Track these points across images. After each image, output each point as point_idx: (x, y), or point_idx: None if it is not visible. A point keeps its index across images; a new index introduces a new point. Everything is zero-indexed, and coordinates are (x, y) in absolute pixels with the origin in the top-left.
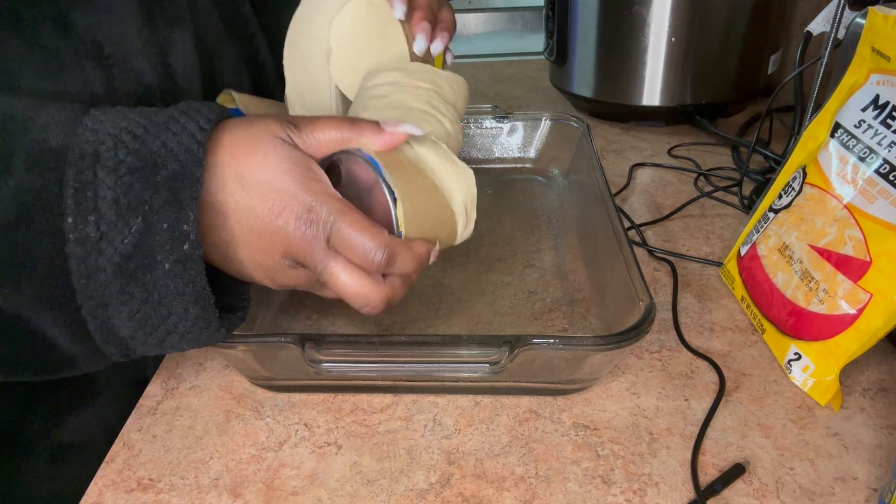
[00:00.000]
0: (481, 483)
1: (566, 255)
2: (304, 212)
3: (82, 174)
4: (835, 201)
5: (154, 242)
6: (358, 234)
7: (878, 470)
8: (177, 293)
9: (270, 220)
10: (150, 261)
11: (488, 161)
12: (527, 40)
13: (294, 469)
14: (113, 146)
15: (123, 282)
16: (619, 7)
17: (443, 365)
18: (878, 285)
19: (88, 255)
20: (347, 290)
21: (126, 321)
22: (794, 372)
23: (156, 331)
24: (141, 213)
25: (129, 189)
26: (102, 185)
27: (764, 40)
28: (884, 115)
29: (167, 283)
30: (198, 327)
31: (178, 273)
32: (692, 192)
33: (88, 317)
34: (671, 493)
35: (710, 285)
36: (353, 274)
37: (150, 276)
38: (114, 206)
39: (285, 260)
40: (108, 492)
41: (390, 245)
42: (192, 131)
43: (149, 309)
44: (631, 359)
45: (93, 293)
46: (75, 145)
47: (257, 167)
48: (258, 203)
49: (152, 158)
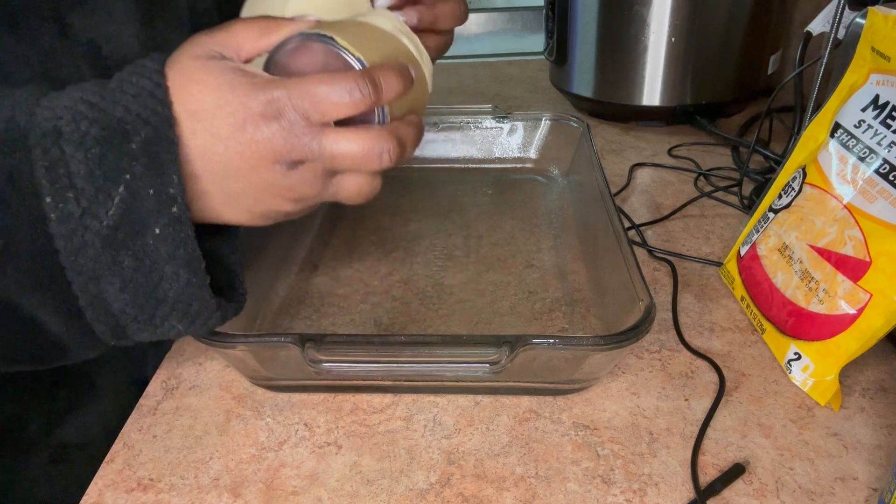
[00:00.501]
0: (481, 483)
1: (566, 255)
2: (266, 108)
3: (49, 152)
4: (835, 201)
5: (142, 209)
6: (328, 85)
7: (878, 470)
8: (168, 257)
9: (240, 135)
10: (140, 227)
11: (488, 161)
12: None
13: (294, 469)
14: (72, 119)
15: (113, 252)
16: (619, 7)
17: (443, 365)
18: (877, 285)
19: (74, 232)
20: (355, 151)
21: (118, 293)
22: (793, 372)
23: (147, 302)
24: (123, 183)
25: (101, 160)
26: (73, 161)
27: (764, 40)
28: (884, 115)
29: (158, 247)
30: (188, 294)
31: (170, 236)
32: (692, 192)
33: (80, 293)
34: (671, 492)
35: (710, 285)
36: (351, 132)
37: (140, 242)
38: (90, 180)
39: (280, 166)
40: (108, 492)
41: (365, 73)
42: (150, 90)
43: (140, 277)
44: (631, 359)
45: (82, 268)
46: (35, 125)
47: (199, 94)
48: (220, 127)
49: (120, 126)
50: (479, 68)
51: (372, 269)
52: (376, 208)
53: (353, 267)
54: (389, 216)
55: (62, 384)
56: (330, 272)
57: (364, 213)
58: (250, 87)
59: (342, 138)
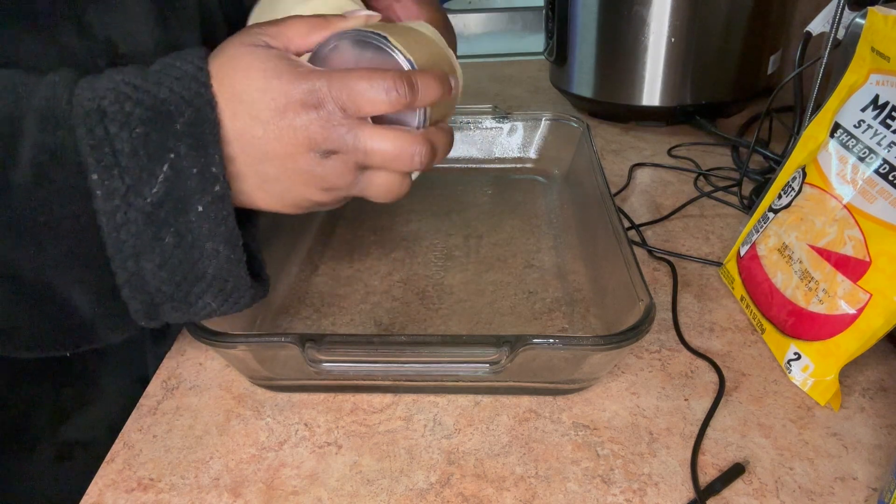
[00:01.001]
0: (481, 483)
1: (566, 255)
2: (307, 96)
3: (94, 131)
4: (834, 201)
5: (186, 187)
6: (367, 81)
7: (878, 470)
8: (209, 233)
9: (279, 120)
10: (183, 205)
11: (488, 161)
12: (527, 40)
13: (294, 469)
14: (115, 100)
15: (155, 229)
16: (619, 7)
17: (443, 365)
18: (877, 285)
19: (117, 208)
20: (388, 149)
21: (156, 270)
22: (793, 372)
23: (185, 279)
24: (167, 162)
25: (146, 140)
26: (118, 140)
27: (764, 40)
28: (883, 116)
29: (200, 224)
30: (226, 271)
31: (212, 213)
32: (692, 192)
33: (118, 270)
34: (671, 492)
35: (710, 285)
36: (387, 131)
37: (182, 219)
38: (135, 158)
39: (314, 154)
40: (109, 491)
41: (403, 75)
42: (192, 73)
43: (180, 254)
44: (631, 359)
45: (123, 245)
46: (77, 105)
47: (244, 78)
48: (261, 111)
49: (164, 107)
50: (479, 68)
51: (372, 269)
52: (376, 208)
53: (353, 267)
54: (389, 216)
55: (67, 383)
56: (330, 272)
57: (364, 213)
58: (294, 75)
59: (377, 135)
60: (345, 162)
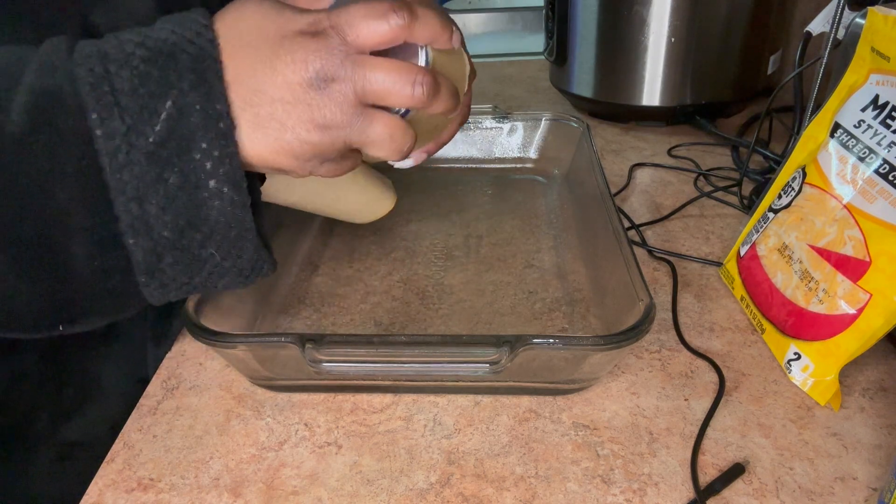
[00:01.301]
0: (481, 483)
1: (566, 255)
2: (306, 26)
3: (94, 70)
4: (834, 201)
5: (189, 125)
6: (367, 8)
7: (878, 470)
8: (212, 172)
9: (276, 47)
10: (187, 143)
11: (488, 161)
12: (527, 40)
13: (294, 469)
14: (118, 43)
15: (158, 170)
16: (619, 7)
17: (443, 365)
18: (877, 285)
19: (119, 148)
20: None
21: (160, 213)
22: (793, 372)
23: (189, 224)
24: (170, 98)
25: (147, 77)
26: (118, 78)
27: (764, 40)
28: (883, 116)
29: (203, 162)
30: (229, 214)
31: (216, 150)
32: (692, 192)
33: (121, 213)
34: (671, 492)
35: (710, 285)
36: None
37: (186, 158)
38: (135, 97)
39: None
40: (109, 491)
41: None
42: (194, 18)
43: (184, 196)
44: (631, 359)
45: (126, 186)
46: (79, 50)
47: (247, 19)
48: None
49: (166, 47)
50: (479, 68)
51: (372, 269)
52: None
53: (353, 267)
54: (389, 216)
55: (68, 383)
56: (330, 272)
57: None
58: (295, 10)
59: (377, 62)
60: (343, 92)
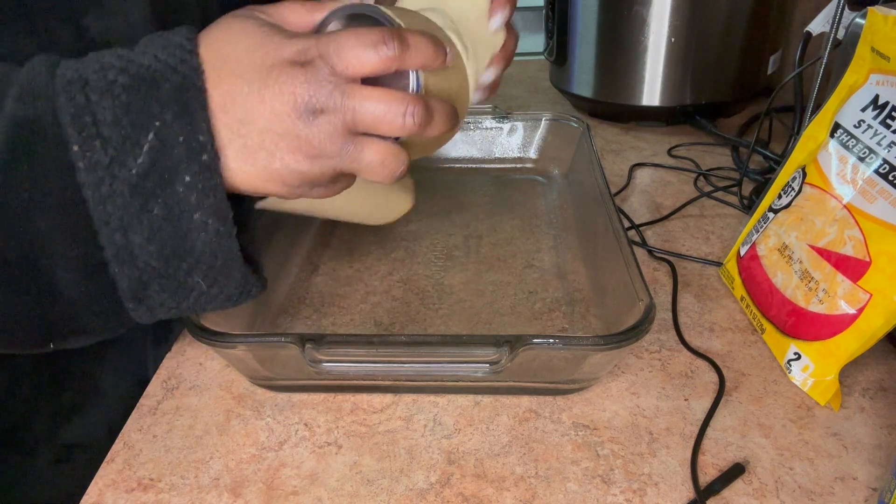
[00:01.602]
0: (481, 483)
1: (566, 255)
2: (294, 55)
3: (74, 99)
4: (834, 201)
5: (172, 157)
6: (356, 38)
7: (878, 470)
8: (197, 204)
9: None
10: (170, 175)
11: (488, 161)
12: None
13: (294, 469)
14: (99, 68)
15: (142, 201)
16: (619, 7)
17: (443, 365)
18: (877, 285)
19: (101, 180)
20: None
21: (145, 243)
22: (793, 372)
23: (174, 253)
24: (152, 130)
25: (129, 108)
26: (100, 108)
27: (764, 40)
28: (883, 116)
29: (187, 195)
30: (215, 244)
31: (199, 183)
32: (692, 192)
33: (106, 243)
34: (671, 492)
35: (710, 285)
36: (377, 89)
37: (169, 190)
38: (117, 128)
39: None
40: (109, 491)
41: (393, 32)
42: (178, 42)
43: (168, 227)
44: (631, 359)
45: (110, 217)
46: (60, 75)
47: (233, 42)
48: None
49: (149, 74)
50: None
51: (372, 269)
52: None
53: (353, 267)
54: None
55: (67, 385)
56: (330, 272)
57: None
58: (283, 37)
59: (366, 92)
60: (332, 123)
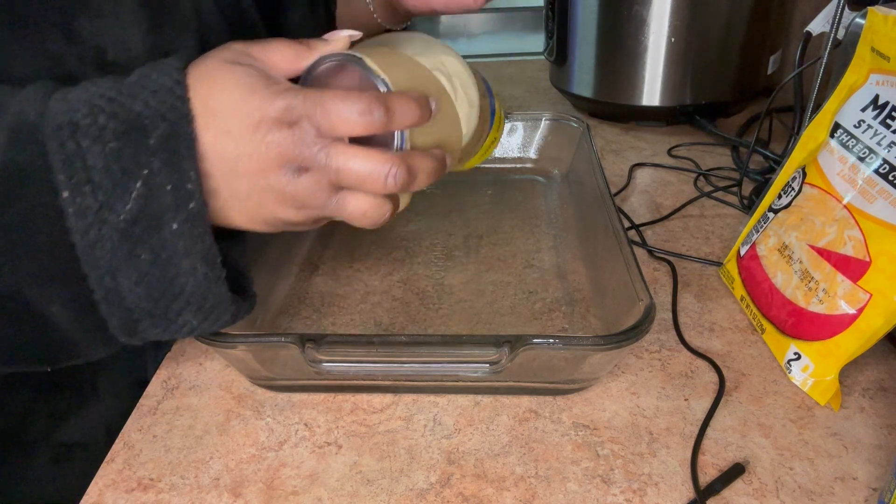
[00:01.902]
0: (481, 483)
1: (566, 255)
2: (281, 113)
3: (65, 146)
4: (834, 201)
5: (160, 205)
6: (342, 102)
7: (878, 470)
8: (185, 251)
9: (252, 135)
10: (158, 222)
11: (488, 161)
12: (527, 40)
13: (294, 469)
14: (89, 112)
15: (130, 246)
16: (619, 7)
17: (443, 365)
18: (877, 285)
19: (90, 226)
20: (360, 169)
21: (133, 287)
22: (793, 372)
23: (163, 296)
24: (140, 178)
25: (119, 155)
26: (90, 154)
27: (764, 40)
28: (883, 116)
29: (175, 242)
30: (204, 288)
31: (187, 231)
32: (692, 192)
33: (95, 286)
34: (671, 492)
35: (710, 285)
36: (360, 150)
37: (157, 237)
38: (107, 174)
39: (286, 171)
40: (109, 491)
41: (380, 97)
42: (169, 86)
43: (156, 271)
44: (631, 359)
45: (99, 262)
46: (49, 118)
47: (220, 92)
48: (234, 126)
49: (139, 121)
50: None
51: (372, 269)
52: None
53: (353, 267)
54: None
55: (65, 385)
56: (330, 272)
57: None
58: (270, 91)
59: (350, 154)
60: (317, 181)
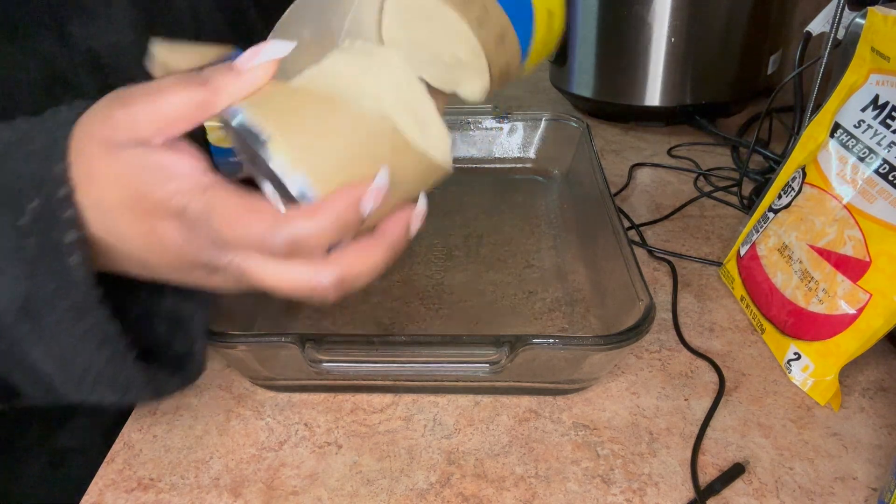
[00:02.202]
0: (481, 483)
1: (566, 255)
2: (175, 219)
3: None
4: (834, 201)
5: (44, 291)
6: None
7: (878, 470)
8: (81, 336)
9: (152, 242)
10: (46, 307)
11: (488, 161)
12: None
13: (294, 469)
14: None
15: (31, 324)
16: (619, 7)
17: (443, 365)
18: (877, 285)
19: None
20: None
21: (44, 359)
22: (793, 372)
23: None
24: (19, 260)
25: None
26: None
27: (764, 40)
28: (883, 116)
29: (69, 327)
30: (112, 368)
31: (75, 320)
32: (692, 192)
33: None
34: (671, 492)
35: (710, 285)
36: (275, 266)
37: (50, 319)
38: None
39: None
40: (109, 491)
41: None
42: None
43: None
44: (631, 359)
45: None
46: None
47: (101, 191)
48: (127, 230)
49: (12, 193)
50: None
51: None
52: None
53: None
54: None
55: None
56: None
57: None
58: (162, 193)
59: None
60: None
